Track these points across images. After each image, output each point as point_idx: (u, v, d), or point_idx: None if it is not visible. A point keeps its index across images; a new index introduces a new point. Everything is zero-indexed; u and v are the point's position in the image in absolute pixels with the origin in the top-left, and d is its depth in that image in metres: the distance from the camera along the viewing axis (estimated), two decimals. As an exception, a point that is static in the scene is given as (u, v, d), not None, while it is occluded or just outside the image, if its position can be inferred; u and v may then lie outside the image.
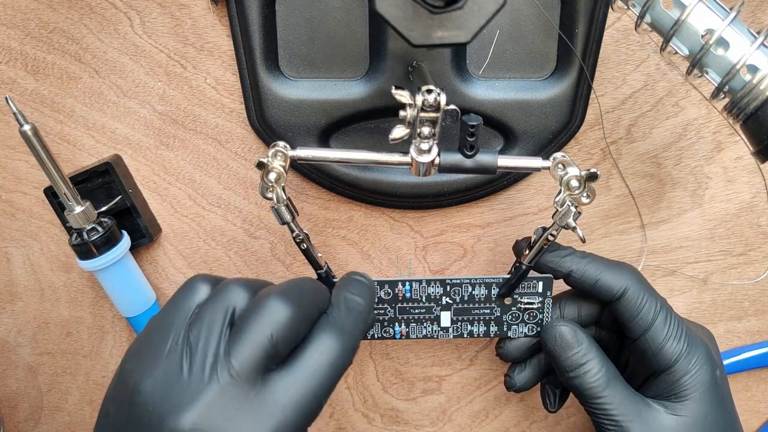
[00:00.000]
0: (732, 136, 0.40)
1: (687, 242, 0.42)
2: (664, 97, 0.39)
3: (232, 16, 0.37)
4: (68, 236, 0.39)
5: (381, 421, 0.47)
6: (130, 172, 0.41)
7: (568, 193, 0.32)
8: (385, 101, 0.37)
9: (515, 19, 0.36)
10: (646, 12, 0.29)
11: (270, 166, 0.32)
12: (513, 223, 0.42)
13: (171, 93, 0.39)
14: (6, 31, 0.38)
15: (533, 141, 0.38)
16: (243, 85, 0.38)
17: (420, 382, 0.46)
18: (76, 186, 0.39)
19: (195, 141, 0.40)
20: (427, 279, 0.38)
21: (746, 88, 0.28)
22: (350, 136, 0.39)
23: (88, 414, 0.47)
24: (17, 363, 0.46)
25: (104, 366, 0.46)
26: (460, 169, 0.32)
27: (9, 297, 0.44)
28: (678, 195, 0.41)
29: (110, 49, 0.38)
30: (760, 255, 0.42)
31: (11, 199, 0.42)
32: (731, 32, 0.28)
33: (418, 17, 0.25)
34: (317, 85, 0.37)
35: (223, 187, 0.41)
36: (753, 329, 0.44)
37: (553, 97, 0.37)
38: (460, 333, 0.39)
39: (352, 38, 0.37)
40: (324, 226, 0.42)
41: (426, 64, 0.35)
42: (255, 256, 0.43)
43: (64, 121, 0.40)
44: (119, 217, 0.41)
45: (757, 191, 0.41)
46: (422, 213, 0.42)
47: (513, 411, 0.47)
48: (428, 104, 0.29)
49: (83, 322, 0.45)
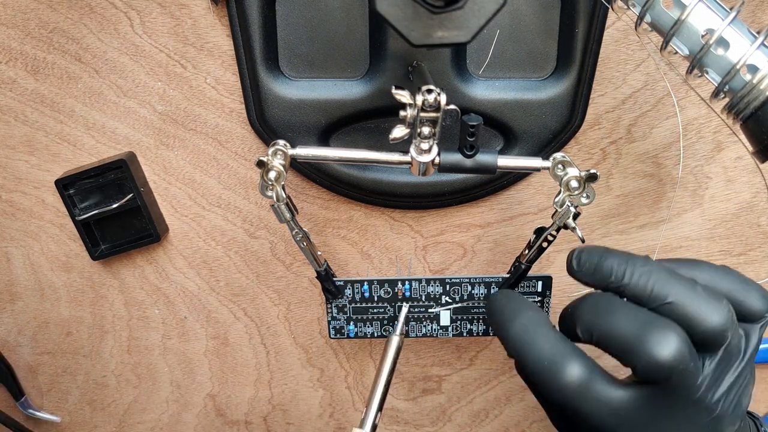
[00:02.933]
0: (732, 135, 0.40)
1: (687, 242, 0.42)
2: (664, 97, 0.39)
3: (232, 16, 0.37)
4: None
5: (381, 421, 0.47)
6: (143, 171, 0.41)
7: (568, 194, 0.32)
8: (385, 101, 0.37)
9: (515, 19, 0.36)
10: (646, 12, 0.29)
11: (270, 165, 0.32)
12: (513, 223, 0.42)
13: (171, 93, 0.39)
14: (6, 31, 0.38)
15: (533, 141, 0.38)
16: (243, 84, 0.38)
17: (420, 382, 0.46)
18: (88, 180, 0.40)
19: (195, 141, 0.40)
20: (426, 278, 0.38)
21: (746, 87, 0.28)
22: (350, 135, 0.39)
23: (88, 414, 0.47)
24: (17, 363, 0.46)
25: (104, 366, 0.46)
26: (460, 168, 0.32)
27: (9, 297, 0.44)
28: (678, 195, 0.41)
29: (110, 49, 0.39)
30: (760, 255, 0.42)
31: (11, 199, 0.42)
32: (731, 32, 0.28)
33: (418, 17, 0.25)
34: (317, 85, 0.37)
35: (223, 187, 0.41)
36: (753, 329, 0.44)
37: (553, 97, 0.37)
38: (460, 332, 0.39)
39: (352, 38, 0.37)
40: (324, 226, 0.42)
41: (426, 64, 0.35)
42: (255, 255, 0.43)
43: (64, 121, 0.40)
44: (127, 215, 0.41)
45: (757, 191, 0.41)
46: (422, 213, 0.42)
47: (513, 411, 0.47)
48: (428, 104, 0.29)
49: (83, 322, 0.45)
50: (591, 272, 0.29)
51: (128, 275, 0.43)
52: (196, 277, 0.44)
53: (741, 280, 0.30)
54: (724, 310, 0.27)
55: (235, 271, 0.43)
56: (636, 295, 0.28)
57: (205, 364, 0.46)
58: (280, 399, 0.47)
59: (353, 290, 0.39)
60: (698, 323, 0.27)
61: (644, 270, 0.28)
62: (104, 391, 0.46)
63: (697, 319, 0.27)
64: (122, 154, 0.40)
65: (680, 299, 0.27)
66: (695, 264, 0.30)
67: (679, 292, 0.27)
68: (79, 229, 0.41)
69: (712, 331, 0.27)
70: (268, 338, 0.45)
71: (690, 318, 0.27)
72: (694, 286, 0.28)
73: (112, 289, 0.44)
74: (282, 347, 0.45)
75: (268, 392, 0.46)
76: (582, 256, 0.30)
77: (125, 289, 0.44)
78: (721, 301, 0.27)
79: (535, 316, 0.29)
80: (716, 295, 0.28)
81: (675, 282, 0.28)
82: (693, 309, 0.27)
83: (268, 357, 0.46)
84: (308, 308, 0.44)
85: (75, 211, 0.40)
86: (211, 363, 0.46)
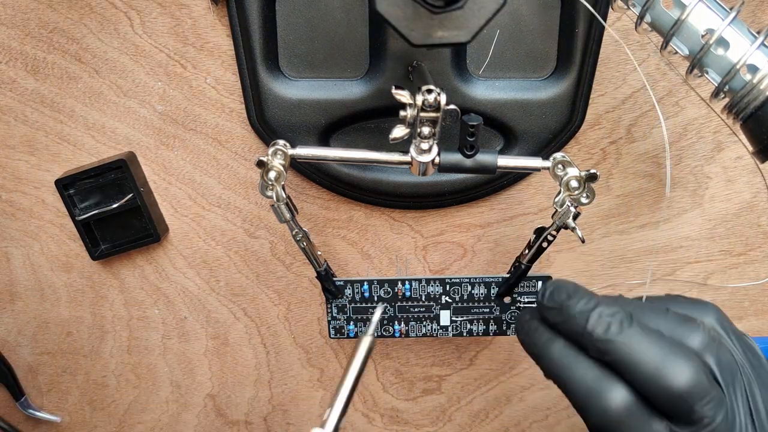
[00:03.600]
0: (732, 135, 0.40)
1: (687, 242, 0.42)
2: (664, 97, 0.39)
3: (232, 16, 0.37)
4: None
5: (381, 421, 0.47)
6: (143, 170, 0.41)
7: (568, 194, 0.32)
8: (385, 101, 0.37)
9: (515, 19, 0.36)
10: (647, 12, 0.29)
11: (270, 165, 0.32)
12: (513, 222, 0.42)
13: (171, 93, 0.39)
14: (6, 30, 0.38)
15: (533, 141, 0.38)
16: (243, 84, 0.38)
17: (420, 382, 0.46)
18: (88, 180, 0.40)
19: (195, 141, 0.40)
20: (426, 278, 0.38)
21: (746, 87, 0.28)
22: (350, 135, 0.39)
23: (88, 414, 0.47)
24: (17, 363, 0.46)
25: (104, 366, 0.46)
26: (460, 168, 0.32)
27: (9, 297, 0.44)
28: (678, 195, 0.41)
29: (110, 49, 0.38)
30: (760, 255, 0.42)
31: (11, 199, 0.42)
32: (731, 32, 0.28)
33: (418, 17, 0.25)
34: (317, 85, 0.37)
35: (223, 187, 0.41)
36: (753, 329, 0.44)
37: (553, 97, 0.37)
38: (460, 332, 0.39)
39: (352, 38, 0.37)
40: (324, 226, 0.42)
41: (426, 64, 0.35)
42: (255, 255, 0.43)
43: (64, 121, 0.40)
44: (127, 215, 0.41)
45: (757, 191, 0.41)
46: (422, 213, 0.42)
47: (513, 411, 0.47)
48: (428, 104, 0.29)
49: (83, 322, 0.45)
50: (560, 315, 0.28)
51: (128, 275, 0.43)
52: (196, 277, 0.44)
53: (690, 303, 0.29)
54: (700, 330, 0.26)
55: (235, 271, 0.43)
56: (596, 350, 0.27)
57: (205, 364, 0.46)
58: (280, 399, 0.47)
59: (353, 290, 0.39)
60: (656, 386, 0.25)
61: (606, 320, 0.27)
62: (104, 391, 0.46)
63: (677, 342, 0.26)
64: (122, 154, 0.40)
65: (659, 326, 0.26)
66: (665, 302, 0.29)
67: (656, 320, 0.27)
68: (79, 229, 0.41)
69: (695, 351, 0.26)
70: (268, 338, 0.45)
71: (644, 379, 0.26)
72: (666, 312, 0.27)
73: (112, 289, 0.44)
74: (282, 347, 0.45)
75: (268, 392, 0.46)
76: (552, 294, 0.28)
77: (125, 289, 0.44)
78: (695, 322, 0.27)
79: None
80: (689, 318, 0.27)
81: (649, 311, 0.27)
82: (671, 333, 0.26)
83: (268, 357, 0.46)
84: (308, 308, 0.44)
85: (75, 211, 0.40)
86: (211, 363, 0.46)
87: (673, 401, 0.25)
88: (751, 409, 0.26)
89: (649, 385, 0.25)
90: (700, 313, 0.28)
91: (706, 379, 0.25)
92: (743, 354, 0.28)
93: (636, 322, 0.26)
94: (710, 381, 0.25)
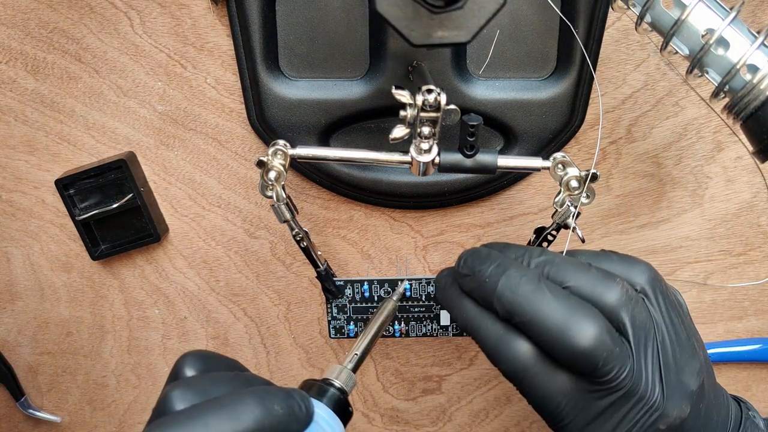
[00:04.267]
0: (732, 135, 0.40)
1: (687, 242, 0.42)
2: (664, 97, 0.39)
3: (232, 16, 0.37)
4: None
5: (381, 421, 0.47)
6: (143, 170, 0.41)
7: (568, 194, 0.32)
8: (385, 101, 0.37)
9: (515, 19, 0.36)
10: (647, 12, 0.29)
11: (270, 165, 0.32)
12: (513, 222, 0.42)
13: (171, 93, 0.39)
14: (6, 30, 0.38)
15: (533, 141, 0.38)
16: (243, 84, 0.38)
17: (420, 382, 0.46)
18: (88, 180, 0.39)
19: (195, 141, 0.40)
20: (426, 278, 0.38)
21: (746, 87, 0.28)
22: (350, 135, 0.39)
23: (88, 414, 0.47)
24: (17, 363, 0.46)
25: (104, 366, 0.46)
26: (460, 168, 0.32)
27: (9, 297, 0.44)
28: (678, 195, 0.41)
29: (110, 49, 0.39)
30: (760, 255, 0.42)
31: (11, 199, 0.42)
32: (731, 32, 0.28)
33: (418, 17, 0.25)
34: (317, 84, 0.37)
35: (223, 187, 0.41)
36: (753, 329, 0.44)
37: (553, 97, 0.37)
38: (460, 332, 0.39)
39: (352, 38, 0.37)
40: (324, 226, 0.42)
41: (426, 64, 0.35)
42: (255, 255, 0.43)
43: (64, 121, 0.40)
44: (127, 215, 0.41)
45: (757, 191, 0.41)
46: (422, 213, 0.42)
47: (513, 411, 0.47)
48: (428, 104, 0.29)
49: (83, 322, 0.45)
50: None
51: (128, 275, 0.43)
52: (196, 277, 0.44)
53: (622, 260, 0.30)
54: (617, 287, 0.27)
55: (235, 271, 0.43)
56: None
57: (205, 364, 0.46)
58: (280, 399, 0.47)
59: (353, 290, 0.39)
60: (597, 302, 0.27)
61: (541, 259, 0.29)
62: (104, 391, 0.46)
63: (594, 298, 0.27)
64: (122, 154, 0.40)
65: (578, 282, 0.28)
66: (581, 253, 0.31)
67: (576, 275, 0.28)
68: (79, 229, 0.41)
69: (611, 308, 0.27)
70: (268, 338, 0.45)
71: (589, 298, 0.27)
72: (588, 268, 0.28)
73: (112, 289, 0.44)
74: (282, 347, 0.45)
75: (268, 392, 0.46)
76: (482, 248, 0.31)
77: (125, 289, 0.44)
78: (614, 279, 0.28)
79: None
80: (609, 275, 0.28)
81: (572, 267, 0.28)
82: (589, 289, 0.27)
83: (268, 357, 0.46)
84: (308, 308, 0.44)
85: (75, 211, 0.40)
86: (211, 363, 0.46)
87: (575, 360, 0.26)
88: (660, 366, 0.27)
89: (552, 345, 0.27)
90: (628, 269, 0.29)
91: (610, 338, 0.26)
92: (666, 312, 0.29)
93: (546, 283, 0.28)
94: (615, 339, 0.27)
